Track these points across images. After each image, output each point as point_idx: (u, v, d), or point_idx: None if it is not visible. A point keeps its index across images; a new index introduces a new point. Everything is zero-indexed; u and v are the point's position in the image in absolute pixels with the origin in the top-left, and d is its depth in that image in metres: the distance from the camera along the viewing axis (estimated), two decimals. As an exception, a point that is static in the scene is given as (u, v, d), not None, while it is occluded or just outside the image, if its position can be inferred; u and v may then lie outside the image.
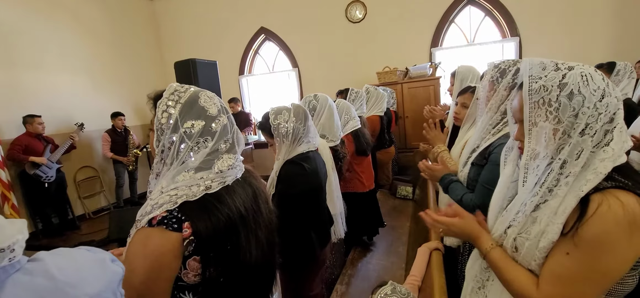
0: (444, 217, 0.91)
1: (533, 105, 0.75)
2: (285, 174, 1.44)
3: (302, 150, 1.48)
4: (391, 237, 2.76)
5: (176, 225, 0.74)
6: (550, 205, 0.73)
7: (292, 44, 5.90)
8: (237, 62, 6.29)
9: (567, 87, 0.71)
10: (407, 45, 5.23)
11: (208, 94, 0.87)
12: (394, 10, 5.20)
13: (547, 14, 4.59)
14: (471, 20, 5.11)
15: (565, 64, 0.75)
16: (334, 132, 2.00)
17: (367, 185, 2.38)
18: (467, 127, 1.75)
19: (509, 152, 0.93)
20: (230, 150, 0.87)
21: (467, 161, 1.44)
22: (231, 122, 0.89)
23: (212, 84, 3.26)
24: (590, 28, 4.45)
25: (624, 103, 1.98)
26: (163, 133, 0.82)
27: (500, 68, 1.29)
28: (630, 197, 0.66)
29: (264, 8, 5.86)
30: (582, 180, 0.70)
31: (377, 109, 3.29)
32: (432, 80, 4.70)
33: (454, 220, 0.90)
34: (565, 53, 4.50)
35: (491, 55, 4.99)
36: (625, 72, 2.12)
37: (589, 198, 0.68)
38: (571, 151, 0.71)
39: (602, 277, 0.69)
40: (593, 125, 0.69)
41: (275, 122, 1.46)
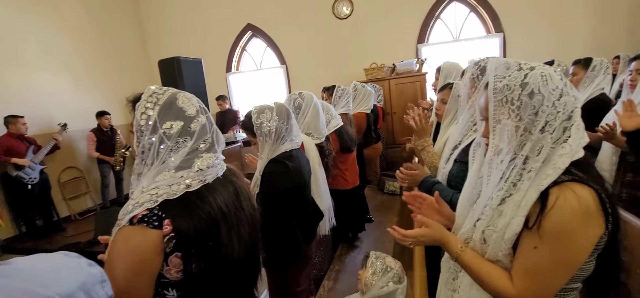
0: (411, 231, 0.93)
1: (497, 103, 0.79)
2: (269, 173, 1.45)
3: (286, 149, 1.50)
4: (378, 232, 2.80)
5: (157, 223, 0.75)
6: (514, 199, 0.77)
7: (280, 41, 5.88)
8: (224, 59, 6.24)
9: (528, 86, 0.75)
10: (394, 41, 5.28)
11: (186, 94, 0.89)
12: (380, 6, 5.23)
13: (529, 11, 4.69)
14: (456, 17, 5.19)
15: (528, 65, 0.78)
16: (319, 129, 2.02)
17: (350, 182, 2.41)
18: (448, 122, 1.79)
19: (477, 149, 0.97)
20: (209, 149, 0.89)
21: (449, 157, 1.47)
22: (210, 121, 0.91)
23: (198, 82, 3.24)
24: (570, 25, 4.58)
25: (598, 97, 2.07)
26: (142, 134, 0.83)
27: (480, 65, 1.31)
28: (585, 189, 0.71)
29: (250, 4, 5.82)
30: (542, 174, 0.74)
31: (364, 106, 3.33)
32: (419, 76, 4.76)
33: (421, 231, 0.92)
34: (547, 49, 4.60)
35: (476, 50, 5.07)
36: (601, 67, 2.20)
37: (549, 192, 0.73)
38: (533, 147, 0.75)
39: (567, 264, 0.74)
40: (552, 123, 0.73)
41: (258, 121, 1.48)
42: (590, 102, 2.16)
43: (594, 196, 0.71)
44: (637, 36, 4.34)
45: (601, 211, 0.71)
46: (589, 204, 0.70)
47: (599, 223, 0.71)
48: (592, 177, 0.74)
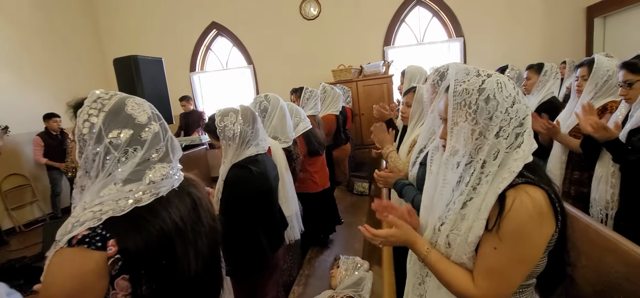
0: (381, 231, 0.94)
1: (456, 106, 0.81)
2: (232, 178, 1.39)
3: (251, 154, 1.45)
4: (348, 234, 2.80)
5: (100, 243, 0.68)
6: (475, 202, 0.80)
7: (246, 40, 5.75)
8: (188, 58, 5.98)
9: (485, 91, 0.78)
10: (361, 44, 5.34)
11: (136, 100, 0.82)
12: (347, 8, 5.27)
13: (487, 17, 4.95)
14: (420, 21, 5.35)
15: (485, 71, 0.82)
16: (286, 133, 1.97)
17: (320, 184, 2.39)
18: (412, 125, 1.83)
19: (435, 152, 0.99)
20: (163, 159, 0.82)
21: (415, 161, 1.50)
22: (164, 129, 0.85)
23: (158, 82, 3.06)
24: (523, 32, 4.89)
25: (550, 101, 2.19)
26: (86, 144, 0.75)
27: (440, 72, 1.36)
28: (537, 190, 0.75)
29: (214, 2, 5.63)
30: (499, 178, 0.78)
31: (333, 108, 3.33)
32: (386, 78, 4.86)
33: (391, 231, 0.93)
34: (503, 53, 4.90)
35: (439, 53, 5.27)
36: (551, 72, 2.35)
37: (505, 195, 0.76)
38: (489, 151, 0.78)
39: (524, 263, 0.78)
40: (506, 128, 0.77)
41: (221, 124, 1.41)
42: (543, 105, 2.30)
43: (545, 196, 0.75)
44: (579, 43, 4.75)
45: (552, 210, 0.76)
46: (541, 204, 0.74)
47: (551, 222, 0.76)
48: (542, 179, 0.79)
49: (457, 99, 0.81)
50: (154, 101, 3.04)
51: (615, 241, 1.32)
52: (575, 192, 1.92)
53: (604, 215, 1.68)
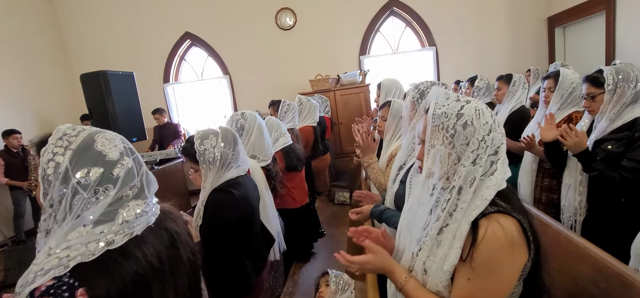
0: (358, 257, 0.93)
1: (434, 128, 0.82)
2: (213, 203, 1.35)
3: (231, 176, 1.41)
4: (330, 247, 2.79)
5: (67, 294, 0.63)
6: (450, 229, 0.81)
7: (222, 50, 5.66)
8: (161, 70, 5.81)
9: (463, 117, 0.79)
10: (337, 53, 5.40)
11: (107, 135, 0.77)
12: (322, 18, 5.32)
13: (456, 28, 5.15)
14: (394, 31, 5.48)
15: (465, 98, 0.84)
16: (265, 151, 1.94)
17: (299, 200, 2.36)
18: (389, 137, 1.87)
19: (414, 175, 1.00)
20: (138, 195, 0.78)
21: (395, 178, 1.51)
22: (138, 163, 0.80)
23: (129, 97, 2.94)
24: (491, 41, 5.13)
25: (520, 110, 2.29)
26: (51, 185, 0.70)
27: (419, 89, 1.38)
28: (509, 220, 0.77)
29: (187, 12, 5.52)
30: (472, 206, 0.79)
31: (311, 119, 3.32)
32: (363, 88, 4.92)
33: (367, 258, 0.92)
34: (473, 61, 5.12)
35: (413, 62, 5.42)
36: (520, 83, 2.47)
37: (478, 224, 0.77)
38: (465, 178, 0.79)
39: (498, 293, 0.79)
40: (482, 155, 0.78)
41: (201, 147, 1.37)
42: (513, 114, 2.41)
43: (517, 226, 0.77)
44: (542, 51, 5.06)
45: (524, 240, 0.77)
46: (513, 235, 0.75)
47: (523, 251, 0.77)
48: (514, 206, 0.80)
49: (435, 122, 0.82)
50: (126, 117, 2.93)
51: (584, 247, 1.39)
52: (546, 198, 2.01)
53: (573, 221, 1.77)
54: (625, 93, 1.55)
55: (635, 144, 1.52)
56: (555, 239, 1.55)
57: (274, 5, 5.36)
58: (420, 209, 0.89)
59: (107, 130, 0.79)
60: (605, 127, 1.63)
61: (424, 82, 1.40)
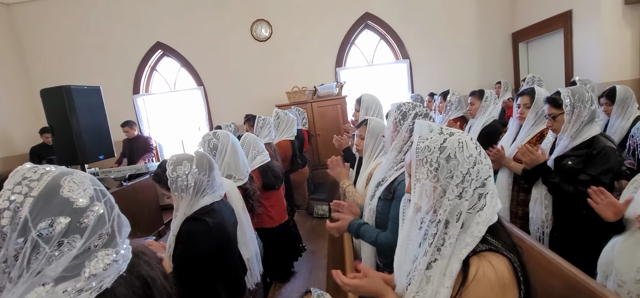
0: (352, 280, 0.93)
1: (418, 162, 0.82)
2: (186, 233, 1.28)
3: (206, 203, 1.35)
4: (311, 264, 2.76)
5: None
6: (439, 265, 0.80)
7: (195, 61, 5.51)
8: (131, 80, 5.56)
9: (446, 150, 0.79)
10: (314, 65, 5.41)
11: (76, 177, 0.68)
12: (298, 30, 5.32)
13: (428, 41, 5.33)
14: (369, 43, 5.59)
15: (448, 130, 0.83)
16: (240, 170, 1.89)
17: (277, 219, 2.31)
18: (367, 156, 1.88)
19: (407, 205, 0.99)
20: (108, 243, 0.70)
21: (374, 194, 1.51)
22: (110, 206, 0.73)
23: (96, 113, 2.78)
24: (461, 54, 5.33)
25: (492, 124, 2.37)
26: (5, 238, 0.61)
27: (402, 111, 1.40)
28: (500, 260, 0.76)
29: (159, 22, 5.34)
30: (462, 243, 0.78)
31: (288, 133, 3.29)
32: (339, 99, 4.96)
33: (361, 282, 0.92)
34: (445, 73, 5.31)
35: (388, 74, 5.54)
36: (491, 98, 2.58)
37: (469, 262, 0.76)
38: (452, 211, 0.78)
39: None
40: (467, 189, 0.77)
41: (174, 174, 1.30)
42: (486, 129, 2.51)
43: (508, 266, 0.76)
44: (508, 65, 5.33)
45: (515, 279, 0.77)
46: (504, 275, 0.75)
47: (514, 292, 0.77)
48: (505, 244, 0.80)
49: (419, 156, 0.82)
50: (92, 134, 2.75)
51: (557, 263, 1.45)
52: (522, 212, 2.08)
53: (541, 233, 1.85)
54: (582, 113, 1.65)
55: (593, 160, 1.62)
56: (529, 254, 1.61)
57: (249, 16, 5.32)
58: (410, 244, 0.88)
59: (75, 171, 0.71)
60: (566, 145, 1.72)
61: (406, 103, 1.42)
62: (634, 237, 1.25)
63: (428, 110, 1.40)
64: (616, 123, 2.31)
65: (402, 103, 1.44)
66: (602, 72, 3.71)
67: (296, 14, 5.30)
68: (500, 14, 5.22)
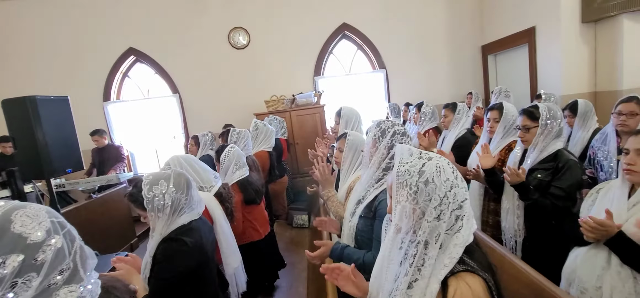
0: None
1: (399, 185, 0.85)
2: (163, 254, 1.25)
3: (184, 222, 1.32)
4: (291, 277, 2.74)
5: None
6: (420, 285, 0.83)
7: (170, 68, 5.37)
8: (101, 87, 5.33)
9: (424, 174, 0.83)
10: (292, 73, 5.43)
11: (29, 211, 0.64)
12: (276, 38, 5.33)
13: (403, 52, 5.49)
14: (347, 53, 5.67)
15: (427, 154, 0.87)
16: (206, 178, 1.86)
17: (262, 231, 2.30)
18: (345, 169, 1.90)
19: (388, 224, 1.02)
20: (71, 279, 0.65)
21: (354, 211, 1.53)
22: (70, 238, 0.68)
23: (63, 124, 2.63)
24: (434, 65, 5.54)
25: (464, 136, 2.47)
26: None
27: (381, 128, 1.43)
28: (476, 280, 0.80)
29: (131, 27, 5.17)
30: (440, 263, 0.82)
31: (266, 144, 3.27)
32: (318, 108, 4.99)
33: None
34: (420, 83, 5.49)
35: (365, 83, 5.64)
36: (464, 111, 2.70)
37: (448, 283, 0.80)
38: (431, 233, 0.82)
39: None
40: (445, 211, 0.82)
41: (150, 194, 1.26)
42: (459, 140, 2.61)
43: (484, 286, 0.80)
44: (478, 76, 5.59)
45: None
46: (480, 295, 0.79)
47: None
48: (481, 264, 0.84)
49: (399, 179, 0.85)
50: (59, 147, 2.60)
51: (526, 272, 1.52)
52: (493, 221, 2.17)
53: (514, 242, 1.94)
54: (553, 128, 1.77)
55: (560, 173, 1.73)
56: (501, 263, 1.69)
57: (227, 24, 5.26)
58: (391, 264, 0.90)
59: (29, 203, 0.66)
60: (535, 157, 1.83)
61: (385, 121, 1.46)
62: (593, 247, 1.34)
63: (405, 129, 1.45)
64: (578, 134, 2.48)
65: (381, 120, 1.47)
66: (562, 85, 3.97)
67: (274, 22, 5.30)
68: (471, 27, 5.47)
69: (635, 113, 1.93)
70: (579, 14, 3.87)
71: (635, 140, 1.27)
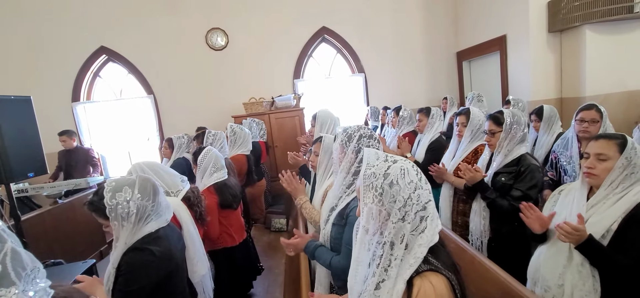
0: None
1: (365, 188, 0.87)
2: (128, 265, 1.19)
3: (150, 229, 1.26)
4: (267, 281, 2.70)
5: None
6: (386, 285, 0.84)
7: (145, 68, 5.20)
8: (69, 86, 5.08)
9: (389, 177, 0.85)
10: (271, 76, 5.39)
11: None
12: (255, 40, 5.28)
13: (382, 57, 5.59)
14: (327, 56, 5.70)
15: (392, 157, 0.89)
16: (171, 182, 1.81)
17: (237, 238, 2.24)
18: (321, 173, 1.90)
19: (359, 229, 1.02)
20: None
21: (328, 219, 1.52)
22: (15, 245, 0.63)
23: (25, 126, 2.48)
24: (411, 70, 5.67)
25: (438, 140, 2.53)
26: None
27: (347, 133, 1.43)
28: (440, 279, 0.82)
29: (102, 25, 4.97)
30: (406, 264, 0.83)
31: (244, 148, 3.22)
32: (297, 111, 4.97)
33: None
34: (397, 87, 5.60)
35: (345, 87, 5.68)
36: (437, 115, 2.76)
37: (413, 282, 0.81)
38: (396, 234, 0.84)
39: None
40: (410, 212, 0.83)
41: (113, 201, 1.20)
42: (432, 144, 2.67)
43: (447, 284, 0.82)
44: (453, 81, 5.76)
45: (453, 297, 0.83)
46: (443, 293, 0.81)
47: None
48: (445, 263, 0.86)
49: (366, 181, 0.87)
50: (20, 149, 2.46)
51: (494, 271, 1.57)
52: (462, 221, 2.24)
53: (480, 243, 2.00)
54: (516, 133, 1.83)
55: (521, 177, 1.80)
56: (471, 263, 1.73)
57: (204, 24, 5.16)
58: (360, 266, 0.91)
59: None
60: (500, 161, 1.90)
61: (352, 127, 1.46)
62: (555, 246, 1.40)
63: (372, 131, 1.46)
64: (543, 138, 2.59)
65: (348, 126, 1.48)
66: (531, 91, 4.15)
67: (253, 24, 5.25)
68: (446, 34, 5.64)
69: (595, 120, 2.04)
70: (546, 24, 4.06)
71: (595, 145, 1.34)
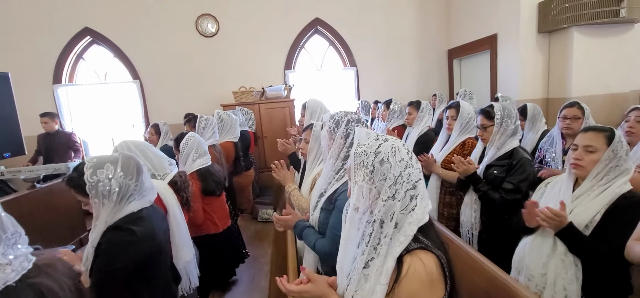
0: (297, 286, 0.94)
1: (357, 166, 0.86)
2: (107, 244, 1.14)
3: (133, 209, 1.22)
4: (253, 270, 2.67)
5: None
6: (376, 263, 0.83)
7: (131, 52, 5.05)
8: (51, 68, 4.89)
9: (380, 154, 0.84)
10: (262, 65, 5.31)
11: None
12: (246, 28, 5.19)
13: (374, 52, 5.58)
14: (318, 48, 5.65)
15: (383, 137, 0.88)
16: (158, 165, 1.76)
17: (220, 225, 2.20)
18: (311, 160, 1.89)
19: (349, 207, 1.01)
20: None
21: (316, 205, 1.51)
22: None
23: (2, 104, 2.37)
24: (402, 67, 5.69)
25: (426, 133, 2.55)
26: None
27: (335, 119, 1.42)
28: (429, 256, 0.82)
29: (87, 5, 4.80)
30: (396, 241, 0.83)
31: (231, 135, 3.17)
32: (288, 102, 4.92)
33: (306, 287, 0.94)
34: (388, 83, 5.61)
35: (337, 79, 5.66)
36: (427, 109, 2.76)
37: (402, 260, 0.81)
38: (386, 212, 0.83)
39: None
40: (400, 191, 0.83)
41: (93, 178, 1.15)
42: (421, 137, 2.67)
43: (437, 262, 0.82)
44: (444, 78, 5.81)
45: (442, 275, 0.83)
46: (433, 271, 0.81)
47: (441, 286, 0.83)
48: (434, 242, 0.85)
49: (357, 160, 0.87)
50: (-4, 127, 2.36)
51: (479, 261, 1.58)
52: (448, 213, 2.26)
53: (471, 235, 2.02)
54: (508, 127, 1.85)
55: (513, 169, 1.82)
56: (457, 254, 1.74)
57: (195, 9, 5.04)
58: (350, 244, 0.90)
59: None
60: (493, 154, 1.91)
61: (339, 113, 1.45)
62: (539, 237, 1.42)
63: (359, 115, 1.45)
64: (528, 136, 2.63)
65: (335, 113, 1.46)
66: (519, 90, 4.22)
67: (245, 11, 5.16)
68: (438, 32, 5.67)
69: (578, 117, 2.08)
70: (536, 24, 4.12)
71: (583, 137, 1.36)
